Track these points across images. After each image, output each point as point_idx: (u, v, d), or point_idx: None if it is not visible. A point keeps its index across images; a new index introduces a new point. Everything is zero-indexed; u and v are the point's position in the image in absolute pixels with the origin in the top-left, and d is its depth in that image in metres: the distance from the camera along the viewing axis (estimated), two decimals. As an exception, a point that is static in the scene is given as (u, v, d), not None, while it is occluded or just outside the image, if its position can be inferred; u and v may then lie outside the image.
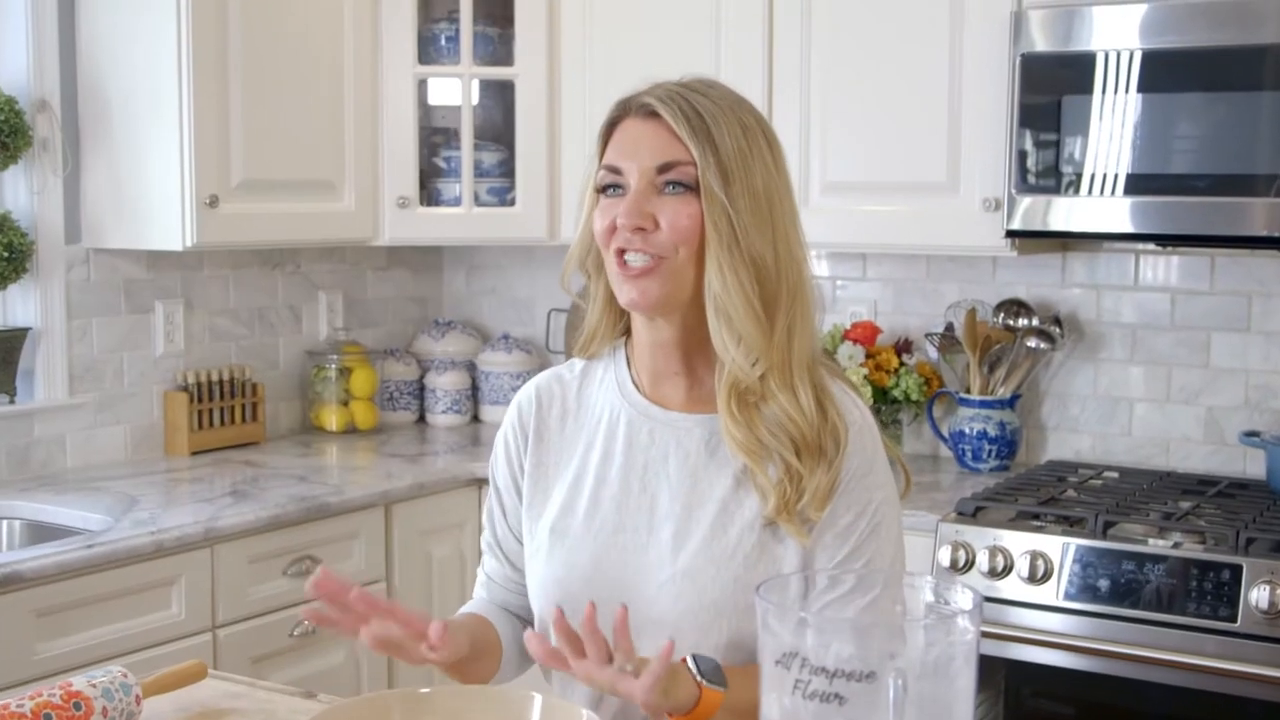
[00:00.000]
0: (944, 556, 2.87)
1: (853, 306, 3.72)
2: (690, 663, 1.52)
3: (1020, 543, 2.82)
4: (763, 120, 1.68)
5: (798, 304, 1.65)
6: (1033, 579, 2.78)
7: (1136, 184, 2.92)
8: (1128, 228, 2.97)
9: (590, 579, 1.69)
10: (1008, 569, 2.81)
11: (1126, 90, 2.91)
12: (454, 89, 3.80)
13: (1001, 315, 3.46)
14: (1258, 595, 2.59)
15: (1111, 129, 2.93)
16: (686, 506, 1.69)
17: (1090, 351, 3.45)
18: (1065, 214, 3.01)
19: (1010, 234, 3.09)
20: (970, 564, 2.84)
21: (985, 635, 2.07)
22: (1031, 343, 3.40)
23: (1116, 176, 2.93)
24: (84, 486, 3.20)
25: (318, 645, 3.13)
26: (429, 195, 3.83)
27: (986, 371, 3.45)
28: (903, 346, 3.61)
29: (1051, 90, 3.00)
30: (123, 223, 3.34)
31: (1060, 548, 2.78)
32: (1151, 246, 3.33)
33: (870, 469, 1.67)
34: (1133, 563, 2.71)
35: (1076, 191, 2.98)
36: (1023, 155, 3.03)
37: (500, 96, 3.88)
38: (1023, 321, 3.44)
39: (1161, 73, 2.89)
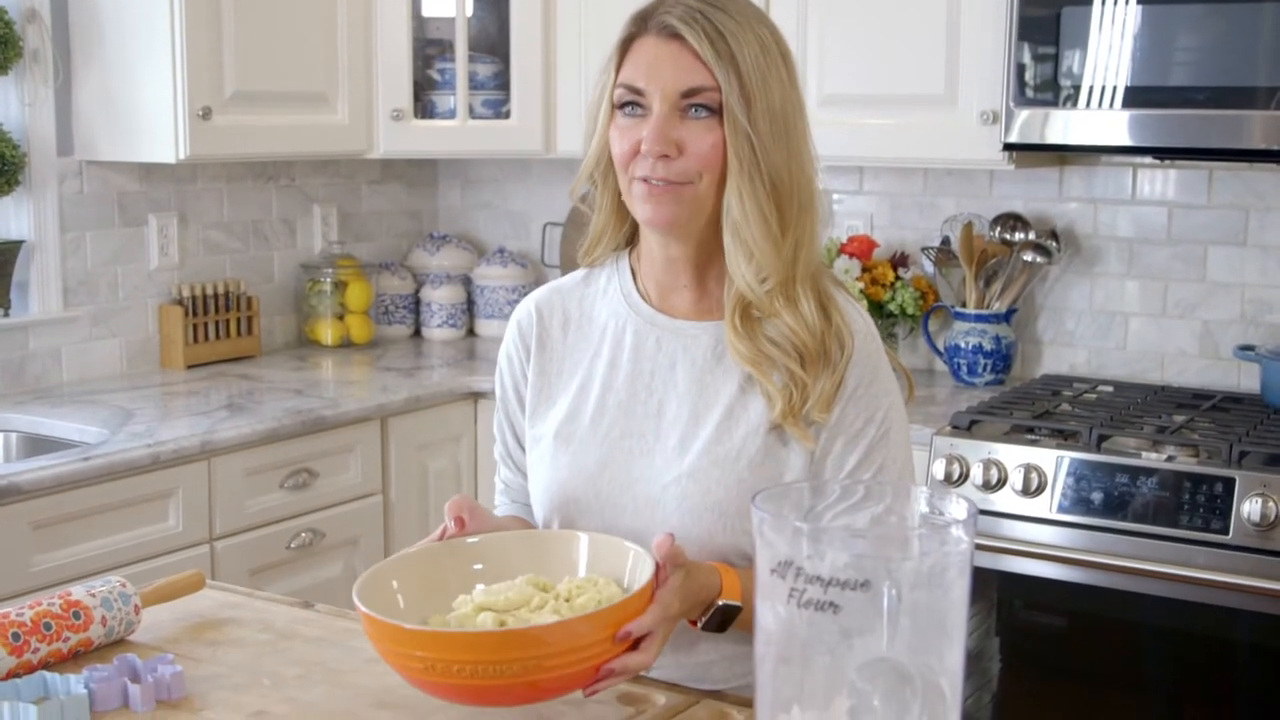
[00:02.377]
0: (938, 470, 2.88)
1: (849, 220, 3.70)
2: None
3: (1014, 456, 2.83)
4: (778, 33, 1.68)
5: (806, 218, 1.67)
6: (1026, 492, 2.80)
7: (1135, 96, 2.91)
8: (1126, 140, 2.95)
9: (595, 482, 1.71)
10: (1002, 482, 2.83)
11: (1126, 1, 2.88)
12: (448, -1, 3.76)
13: (998, 229, 3.45)
14: (1250, 508, 2.61)
15: (1111, 40, 2.90)
16: (693, 411, 1.70)
17: (1086, 266, 3.45)
18: (1063, 127, 2.99)
19: (1008, 147, 3.07)
20: (965, 477, 2.86)
21: (979, 548, 2.08)
22: (1028, 257, 3.39)
23: (1115, 89, 2.92)
24: (80, 399, 3.21)
25: (315, 558, 3.15)
26: (423, 108, 3.80)
27: (982, 285, 3.45)
28: (899, 260, 3.61)
29: (1051, 1, 2.97)
30: (115, 135, 3.32)
31: (1054, 461, 2.80)
32: (1149, 160, 3.32)
33: (875, 375, 1.69)
34: (1126, 476, 2.73)
35: (1075, 104, 2.96)
36: (1021, 68, 3.01)
37: (495, 8, 3.84)
38: (1019, 235, 3.43)
39: (1162, -17, 2.86)
